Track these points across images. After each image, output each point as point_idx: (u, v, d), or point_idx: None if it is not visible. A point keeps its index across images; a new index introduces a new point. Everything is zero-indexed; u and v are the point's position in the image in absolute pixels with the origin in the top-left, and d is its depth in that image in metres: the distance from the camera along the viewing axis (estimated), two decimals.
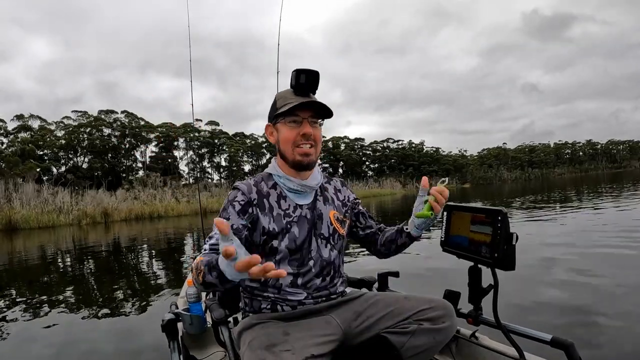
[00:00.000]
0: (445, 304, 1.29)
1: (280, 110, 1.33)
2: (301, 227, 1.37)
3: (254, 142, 53.90)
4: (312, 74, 1.33)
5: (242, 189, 1.36)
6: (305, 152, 1.34)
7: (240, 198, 1.34)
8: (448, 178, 1.35)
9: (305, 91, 1.35)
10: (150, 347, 2.87)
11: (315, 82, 1.35)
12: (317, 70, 1.34)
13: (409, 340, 1.24)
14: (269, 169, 1.45)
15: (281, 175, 1.40)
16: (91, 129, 41.22)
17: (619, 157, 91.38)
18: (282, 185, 1.40)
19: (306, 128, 1.33)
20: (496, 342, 1.46)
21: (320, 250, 1.39)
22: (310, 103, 1.33)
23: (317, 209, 1.42)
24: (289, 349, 1.15)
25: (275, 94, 1.43)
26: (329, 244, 1.41)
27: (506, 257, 1.22)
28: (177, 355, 1.67)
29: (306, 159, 1.35)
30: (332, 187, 1.54)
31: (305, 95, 1.35)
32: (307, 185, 1.39)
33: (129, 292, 4.84)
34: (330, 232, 1.42)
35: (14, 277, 6.36)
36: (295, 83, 1.33)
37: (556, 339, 1.20)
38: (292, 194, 1.40)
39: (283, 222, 1.36)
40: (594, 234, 6.34)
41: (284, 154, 1.38)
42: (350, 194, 1.58)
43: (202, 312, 1.86)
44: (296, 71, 1.33)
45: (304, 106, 1.32)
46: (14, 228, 15.67)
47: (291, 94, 1.35)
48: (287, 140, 1.35)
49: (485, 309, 1.39)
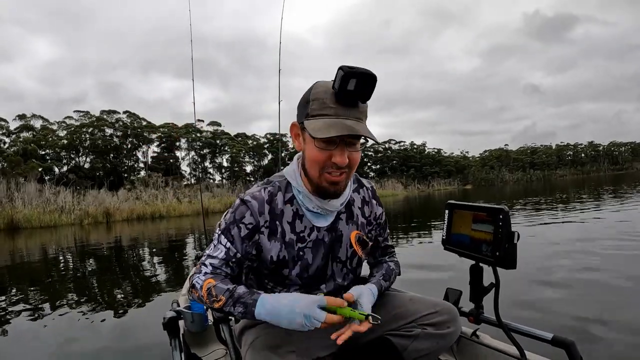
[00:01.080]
0: (450, 309, 1.27)
1: (311, 122, 1.06)
2: (316, 253, 1.21)
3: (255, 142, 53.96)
4: (366, 79, 1.01)
5: (252, 209, 1.15)
6: (334, 180, 1.10)
7: (248, 220, 1.15)
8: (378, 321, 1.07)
9: (352, 101, 1.05)
10: (151, 345, 2.87)
11: (370, 89, 1.04)
12: (374, 74, 1.02)
13: (412, 344, 1.23)
14: (289, 175, 1.20)
15: (301, 190, 1.17)
16: (93, 129, 41.31)
17: (621, 158, 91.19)
18: (301, 202, 1.19)
19: (341, 156, 1.06)
20: (497, 341, 1.45)
21: (335, 276, 1.26)
22: (351, 129, 1.03)
23: (338, 229, 1.23)
24: (293, 350, 1.14)
25: (314, 84, 1.10)
26: (345, 268, 1.26)
27: (508, 256, 1.22)
28: (179, 353, 1.68)
29: (333, 187, 1.12)
30: (360, 199, 1.30)
31: (351, 106, 1.05)
32: (329, 209, 1.19)
33: (130, 291, 4.84)
34: (349, 256, 1.26)
35: (15, 276, 6.37)
36: (340, 88, 1.01)
37: (557, 337, 1.20)
38: (310, 213, 1.20)
39: (295, 248, 1.19)
40: (596, 234, 6.33)
41: (308, 172, 1.13)
42: (380, 209, 1.35)
43: (204, 310, 1.87)
44: (344, 72, 1.00)
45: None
46: (16, 227, 15.70)
47: (332, 97, 1.04)
48: (314, 162, 1.10)
49: (486, 307, 1.39)
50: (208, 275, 1.12)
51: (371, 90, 1.04)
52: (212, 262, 1.13)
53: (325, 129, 1.02)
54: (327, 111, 1.04)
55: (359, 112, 1.07)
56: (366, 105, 1.09)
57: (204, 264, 1.14)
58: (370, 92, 1.04)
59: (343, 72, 0.99)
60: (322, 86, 1.07)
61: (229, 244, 1.14)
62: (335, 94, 1.03)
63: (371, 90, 1.04)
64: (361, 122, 1.06)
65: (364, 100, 1.06)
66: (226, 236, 1.15)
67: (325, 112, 1.05)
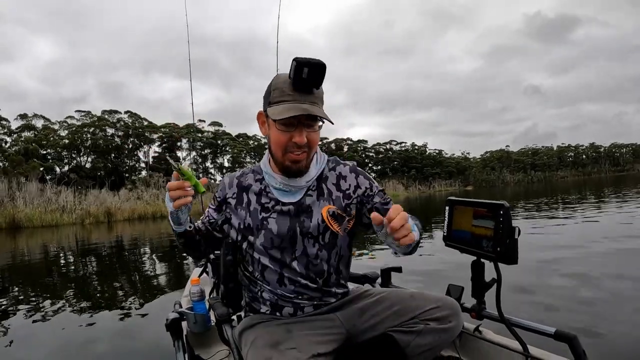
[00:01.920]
0: (452, 303, 1.27)
1: (272, 108, 1.18)
2: (280, 224, 1.27)
3: (256, 143, 53.99)
4: (316, 68, 1.12)
5: (223, 183, 1.36)
6: (296, 159, 1.21)
7: (219, 194, 1.35)
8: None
9: (306, 87, 1.16)
10: (154, 346, 2.88)
11: (320, 76, 1.14)
12: (323, 63, 1.12)
13: (414, 340, 1.23)
14: (262, 161, 1.36)
15: (268, 171, 1.31)
16: (94, 129, 41.35)
17: (622, 160, 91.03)
18: (267, 181, 1.32)
19: (299, 136, 1.17)
20: (500, 336, 1.46)
21: (307, 250, 1.28)
22: (305, 110, 1.15)
23: (305, 205, 1.29)
24: (294, 347, 1.14)
25: (274, 76, 1.23)
26: (317, 243, 1.29)
27: (509, 251, 1.22)
28: (182, 354, 1.68)
29: (296, 165, 1.23)
30: (335, 175, 1.35)
31: (306, 92, 1.16)
32: (294, 185, 1.28)
33: (132, 291, 4.85)
34: (321, 231, 1.28)
35: (17, 276, 6.38)
36: (295, 76, 1.13)
37: (560, 331, 1.20)
38: (276, 190, 1.30)
39: (259, 217, 1.29)
40: (598, 235, 6.32)
41: (273, 154, 1.26)
42: (365, 181, 1.36)
43: (206, 311, 1.86)
44: (297, 62, 1.11)
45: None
46: (18, 226, 15.73)
47: (289, 86, 1.16)
48: (277, 144, 1.21)
49: (488, 303, 1.39)
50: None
51: (322, 78, 1.15)
52: (202, 218, 1.37)
53: (284, 111, 1.13)
54: (286, 97, 1.16)
55: (315, 97, 1.17)
56: (321, 91, 1.20)
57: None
58: (321, 79, 1.15)
59: (296, 62, 1.11)
60: (281, 77, 1.19)
61: (207, 212, 1.36)
62: (292, 83, 1.15)
63: (322, 78, 1.15)
64: (316, 105, 1.17)
65: (317, 87, 1.17)
66: (211, 203, 1.36)
67: (284, 98, 1.16)
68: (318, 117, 1.17)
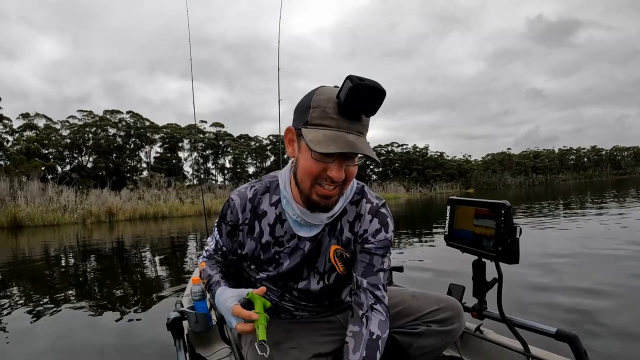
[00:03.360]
0: (454, 305, 1.27)
1: (310, 132, 0.98)
2: (292, 259, 1.17)
3: (258, 144, 54.03)
4: (374, 94, 0.94)
5: (234, 207, 1.16)
6: (326, 194, 1.03)
7: (229, 218, 1.18)
8: None
9: (356, 115, 0.98)
10: (155, 345, 2.87)
11: (378, 104, 0.96)
12: (383, 89, 0.94)
13: (416, 341, 1.23)
14: (281, 177, 1.16)
15: (286, 196, 1.13)
16: (96, 128, 41.44)
17: (624, 163, 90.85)
18: (284, 208, 1.14)
19: (337, 171, 0.99)
20: (501, 336, 1.46)
21: (310, 284, 1.21)
22: (352, 145, 0.95)
23: (319, 240, 1.17)
24: (294, 347, 1.14)
25: (317, 89, 1.02)
26: (322, 281, 1.21)
27: (510, 251, 1.23)
28: (183, 353, 1.68)
29: (324, 201, 1.05)
30: (354, 213, 1.18)
31: (355, 119, 0.97)
32: (311, 222, 1.13)
33: (133, 291, 4.85)
34: (326, 269, 1.20)
35: (18, 274, 6.38)
36: (346, 99, 0.93)
37: (561, 331, 1.20)
38: (292, 221, 1.15)
39: (271, 251, 1.17)
40: (599, 235, 6.31)
41: (299, 183, 1.06)
42: (376, 226, 1.18)
43: (207, 310, 1.86)
44: (352, 83, 0.91)
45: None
46: (19, 225, 15.74)
47: (335, 107, 0.97)
48: (307, 174, 1.02)
49: (489, 302, 1.39)
50: (204, 258, 1.29)
51: (378, 106, 0.96)
52: (207, 249, 1.28)
53: (325, 142, 0.94)
54: (328, 122, 0.97)
55: (362, 125, 1.00)
56: (369, 118, 1.03)
57: (205, 248, 1.30)
58: (377, 107, 0.97)
59: (351, 83, 0.91)
60: (325, 93, 0.99)
61: (218, 237, 1.24)
62: (339, 105, 0.96)
63: (378, 106, 0.96)
64: (362, 136, 1.00)
65: (369, 115, 0.99)
66: (218, 229, 1.24)
67: (326, 122, 0.97)
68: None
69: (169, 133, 45.50)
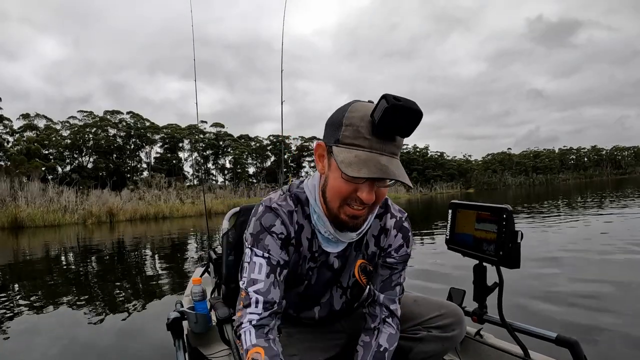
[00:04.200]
0: (456, 311, 1.26)
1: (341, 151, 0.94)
2: (321, 275, 1.15)
3: (258, 144, 54.05)
4: (411, 115, 0.89)
5: (282, 216, 1.08)
6: (354, 214, 1.00)
7: (279, 230, 1.07)
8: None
9: (390, 136, 0.93)
10: (155, 345, 2.87)
11: (414, 126, 0.92)
12: (420, 111, 0.90)
13: (417, 347, 1.24)
14: (309, 190, 1.11)
15: (317, 212, 1.08)
16: (97, 129, 41.46)
17: (624, 163, 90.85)
18: (315, 223, 1.10)
19: (368, 193, 0.95)
20: (501, 340, 1.46)
21: (332, 300, 1.20)
22: (385, 170, 0.91)
23: (347, 257, 1.15)
24: (295, 354, 1.14)
25: (350, 105, 0.97)
26: (344, 295, 1.20)
27: (511, 255, 1.22)
28: (182, 353, 1.68)
29: (353, 221, 1.02)
30: (379, 227, 1.17)
31: (388, 140, 0.93)
32: (341, 240, 1.11)
33: (134, 291, 4.85)
34: (350, 284, 1.19)
35: (18, 275, 6.39)
36: (381, 120, 0.89)
37: (561, 337, 1.20)
38: (321, 236, 1.12)
39: (306, 266, 1.13)
40: (600, 237, 6.30)
41: (328, 201, 1.02)
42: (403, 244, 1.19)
43: (207, 311, 1.86)
44: (387, 103, 0.87)
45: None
46: (20, 226, 15.75)
47: (369, 127, 0.92)
48: (336, 194, 0.99)
49: (489, 306, 1.39)
50: (250, 330, 1.01)
51: (414, 127, 0.92)
52: (257, 290, 1.02)
53: (357, 165, 0.90)
54: (361, 142, 0.92)
55: (395, 146, 0.95)
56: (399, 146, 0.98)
57: (248, 295, 1.03)
58: (413, 129, 0.92)
59: (387, 103, 0.87)
60: (358, 111, 0.94)
61: (267, 253, 1.05)
62: (373, 125, 0.91)
63: (414, 127, 0.92)
64: (395, 157, 0.96)
65: (404, 136, 0.94)
66: (260, 247, 1.05)
67: (358, 142, 0.93)
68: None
69: (169, 133, 45.54)
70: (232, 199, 26.36)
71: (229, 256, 1.68)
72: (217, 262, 1.89)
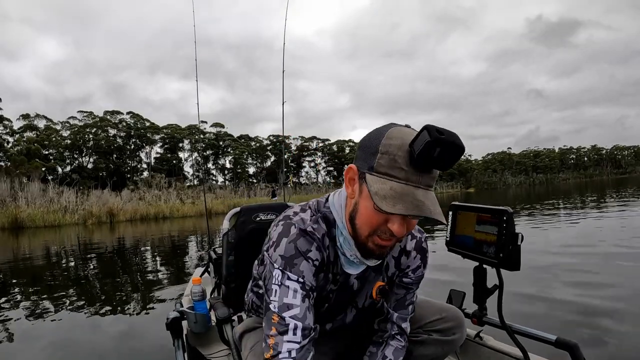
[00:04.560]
0: (456, 315, 1.26)
1: (375, 180, 0.90)
2: (339, 296, 1.13)
3: (258, 144, 54.09)
4: (452, 150, 0.85)
5: (318, 242, 1.03)
6: (382, 244, 0.97)
7: (314, 256, 1.01)
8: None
9: (428, 169, 0.89)
10: (155, 345, 2.88)
11: (454, 161, 0.87)
12: (463, 146, 0.86)
13: (417, 349, 1.24)
14: (335, 210, 1.05)
15: (346, 236, 1.03)
16: (97, 129, 41.49)
17: (624, 162, 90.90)
18: (340, 246, 1.05)
19: (400, 226, 0.92)
20: (501, 343, 1.46)
21: (346, 318, 1.19)
22: (421, 206, 0.87)
23: (366, 278, 1.13)
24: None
25: (388, 130, 0.92)
26: (359, 314, 1.19)
27: (511, 257, 1.22)
28: (182, 353, 1.68)
29: (380, 250, 0.98)
30: (398, 248, 1.15)
31: (426, 172, 0.89)
32: (366, 263, 1.07)
33: (134, 291, 4.85)
34: (366, 305, 1.17)
35: (18, 275, 6.39)
36: (421, 152, 0.84)
37: (561, 339, 1.20)
38: (343, 257, 1.07)
39: (327, 288, 1.10)
40: (600, 238, 6.31)
41: (356, 229, 0.98)
42: (418, 262, 1.19)
43: (207, 311, 1.86)
44: (431, 138, 0.83)
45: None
46: (20, 226, 15.76)
47: (406, 157, 0.87)
48: (366, 223, 0.95)
49: (489, 308, 1.39)
50: None
51: (454, 162, 0.87)
52: (293, 315, 0.96)
53: (392, 199, 0.86)
54: (397, 173, 0.88)
55: (432, 178, 0.90)
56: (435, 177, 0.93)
57: (284, 320, 0.95)
58: (453, 163, 0.87)
59: (429, 136, 0.83)
60: (396, 138, 0.89)
61: (302, 278, 0.98)
62: (411, 155, 0.86)
63: (454, 162, 0.87)
64: (431, 190, 0.91)
65: (442, 170, 0.89)
66: (294, 272, 0.98)
67: (394, 173, 0.88)
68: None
69: (169, 134, 45.55)
70: (233, 199, 26.40)
71: (229, 256, 1.68)
72: (217, 262, 1.90)
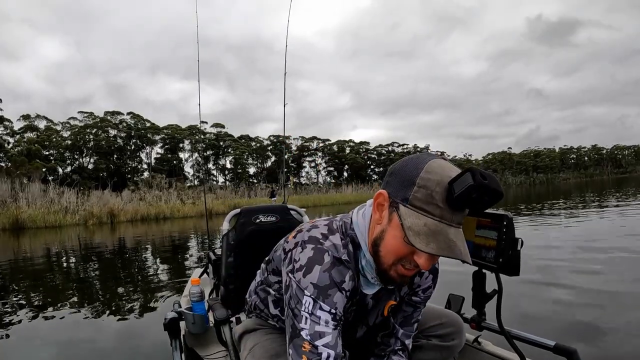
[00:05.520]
0: (456, 320, 1.27)
1: (409, 213, 0.88)
2: (355, 317, 1.12)
3: (259, 145, 54.10)
4: (492, 196, 0.84)
5: (352, 271, 1.01)
6: (404, 274, 0.96)
7: (349, 286, 0.99)
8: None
9: (463, 209, 0.89)
10: (154, 345, 2.88)
11: (488, 207, 0.88)
12: (502, 192, 0.85)
13: (416, 354, 1.24)
14: (359, 230, 1.03)
15: (369, 259, 1.01)
16: (97, 130, 41.50)
17: (625, 162, 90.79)
18: (362, 268, 1.04)
19: (426, 260, 0.90)
20: (499, 348, 1.45)
21: (355, 334, 1.19)
22: (452, 247, 0.86)
23: (378, 298, 1.12)
24: None
25: (428, 163, 0.89)
26: (368, 331, 1.19)
27: (511, 262, 1.22)
28: (179, 354, 1.68)
29: (401, 279, 0.98)
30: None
31: (459, 211, 0.88)
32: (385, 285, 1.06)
33: (133, 291, 4.86)
34: (377, 322, 1.17)
35: (19, 276, 6.40)
36: (461, 196, 0.83)
37: (559, 345, 1.20)
38: (363, 279, 1.06)
39: (349, 310, 1.09)
40: (600, 238, 6.30)
41: (380, 256, 0.96)
42: (429, 285, 1.20)
43: (205, 312, 1.86)
44: (475, 183, 0.81)
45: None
46: (21, 227, 15.76)
47: (444, 195, 0.85)
48: (392, 252, 0.93)
49: (488, 314, 1.39)
50: None
51: (490, 206, 0.88)
52: (326, 344, 0.92)
53: (425, 237, 0.85)
54: (432, 209, 0.86)
55: (463, 216, 0.91)
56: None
57: (316, 349, 0.91)
58: (488, 208, 0.88)
59: (474, 182, 0.81)
60: (436, 173, 0.87)
61: (334, 309, 0.95)
62: (449, 193, 0.85)
63: (490, 206, 0.88)
64: (461, 228, 0.91)
65: (476, 212, 0.90)
66: (328, 303, 0.95)
67: (429, 209, 0.86)
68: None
69: (170, 134, 45.57)
70: (233, 199, 26.41)
71: (229, 258, 1.67)
72: (217, 264, 1.89)
